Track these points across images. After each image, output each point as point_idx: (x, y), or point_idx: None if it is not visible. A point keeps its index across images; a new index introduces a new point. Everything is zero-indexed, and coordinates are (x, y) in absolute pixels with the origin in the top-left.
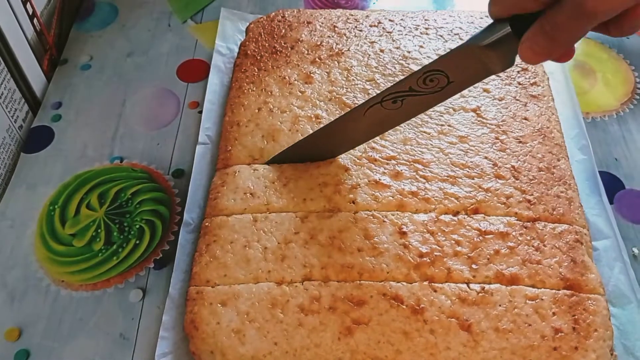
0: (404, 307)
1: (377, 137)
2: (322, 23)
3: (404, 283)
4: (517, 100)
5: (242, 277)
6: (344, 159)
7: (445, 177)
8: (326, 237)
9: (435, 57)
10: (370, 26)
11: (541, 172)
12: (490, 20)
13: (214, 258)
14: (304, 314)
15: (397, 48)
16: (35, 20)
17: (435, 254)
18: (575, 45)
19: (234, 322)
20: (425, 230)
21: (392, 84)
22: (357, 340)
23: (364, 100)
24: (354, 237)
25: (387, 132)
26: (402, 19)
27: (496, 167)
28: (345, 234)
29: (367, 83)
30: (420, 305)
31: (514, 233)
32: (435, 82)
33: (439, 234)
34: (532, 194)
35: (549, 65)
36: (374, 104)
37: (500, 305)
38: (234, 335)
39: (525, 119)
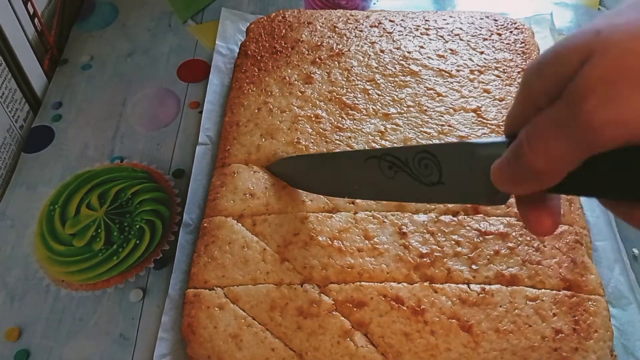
0: (405, 308)
1: (377, 137)
2: (323, 23)
3: (405, 284)
4: None
5: (240, 278)
6: None
7: None
8: (326, 238)
9: (436, 58)
10: (371, 27)
11: None
12: None
13: (212, 259)
14: (303, 317)
15: (398, 48)
16: (36, 20)
17: (436, 254)
18: None
19: (231, 327)
20: (425, 231)
21: (394, 147)
22: (357, 344)
23: (364, 101)
24: (354, 237)
25: (387, 132)
26: (402, 20)
27: None
28: (345, 235)
29: (368, 83)
30: (421, 307)
31: (514, 233)
32: (428, 171)
33: (439, 234)
34: None
35: None
36: (374, 157)
37: (500, 306)
38: (231, 340)
39: None
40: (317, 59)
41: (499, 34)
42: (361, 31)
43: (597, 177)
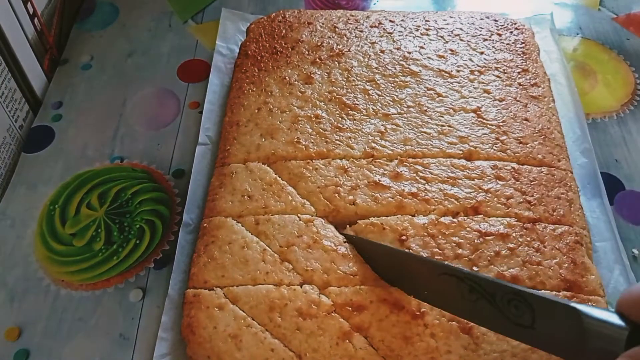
0: (405, 312)
1: (377, 137)
2: (323, 24)
3: None
4: (518, 101)
5: (240, 278)
6: (342, 160)
7: (446, 178)
8: (331, 243)
9: (436, 58)
10: (371, 27)
11: (541, 173)
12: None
13: (212, 259)
14: (302, 318)
15: (398, 49)
16: (35, 20)
17: (436, 257)
18: (576, 45)
19: (230, 327)
20: (425, 234)
21: (482, 273)
22: (355, 345)
23: (364, 101)
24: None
25: (387, 132)
26: (402, 20)
27: (496, 169)
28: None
29: (368, 84)
30: (421, 310)
31: (514, 234)
32: (518, 312)
33: (440, 236)
34: (532, 195)
35: (551, 67)
36: (452, 274)
37: None
38: (231, 340)
39: (526, 119)
40: (317, 59)
41: (499, 34)
42: (361, 31)
43: None
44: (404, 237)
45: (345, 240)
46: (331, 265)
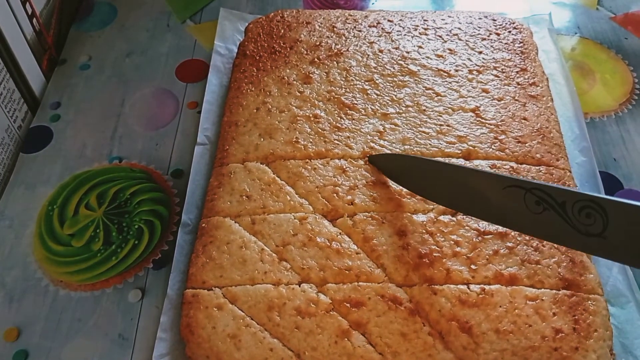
0: (402, 308)
1: (376, 137)
2: (321, 23)
3: (403, 287)
4: (516, 100)
5: (239, 278)
6: (341, 160)
7: None
8: (324, 239)
9: (435, 58)
10: (369, 26)
11: (540, 173)
12: None
13: (211, 259)
14: (300, 317)
15: (396, 48)
16: (34, 20)
17: (435, 254)
18: (575, 44)
19: (229, 327)
20: (424, 231)
21: (550, 183)
22: (354, 343)
23: (362, 101)
24: (352, 239)
25: (385, 132)
26: (401, 20)
27: (495, 168)
28: (343, 236)
29: (366, 83)
30: (420, 307)
31: (512, 233)
32: (589, 220)
33: (438, 234)
34: None
35: (549, 67)
36: (518, 186)
37: (500, 306)
38: (230, 340)
39: (524, 119)
40: (316, 59)
41: (498, 34)
42: (360, 31)
43: None
44: (403, 231)
45: (339, 233)
46: (326, 262)
